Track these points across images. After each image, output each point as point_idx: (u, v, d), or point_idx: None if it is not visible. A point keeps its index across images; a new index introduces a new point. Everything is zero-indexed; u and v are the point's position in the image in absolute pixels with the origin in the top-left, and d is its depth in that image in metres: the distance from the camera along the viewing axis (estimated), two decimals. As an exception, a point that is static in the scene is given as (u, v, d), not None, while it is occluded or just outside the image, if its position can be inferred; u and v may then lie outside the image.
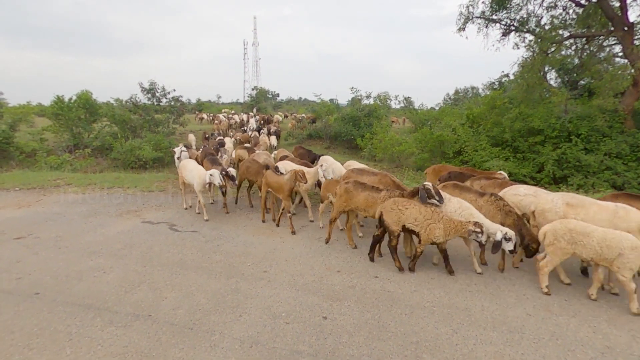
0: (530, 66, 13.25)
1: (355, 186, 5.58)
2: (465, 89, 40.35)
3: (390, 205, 5.03)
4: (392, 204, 5.02)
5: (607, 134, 11.66)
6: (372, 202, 5.39)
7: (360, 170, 7.20)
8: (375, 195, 5.39)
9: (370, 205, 5.40)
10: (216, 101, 65.95)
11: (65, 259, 5.32)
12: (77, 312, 3.98)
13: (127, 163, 16.11)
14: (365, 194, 5.46)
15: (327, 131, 22.54)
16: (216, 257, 5.47)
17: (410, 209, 4.94)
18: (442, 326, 3.82)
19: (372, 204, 5.38)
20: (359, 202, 5.50)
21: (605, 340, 3.63)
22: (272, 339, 3.57)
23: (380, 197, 5.31)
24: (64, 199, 8.77)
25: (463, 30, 14.81)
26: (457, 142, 14.28)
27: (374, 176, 6.83)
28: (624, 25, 11.81)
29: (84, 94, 20.02)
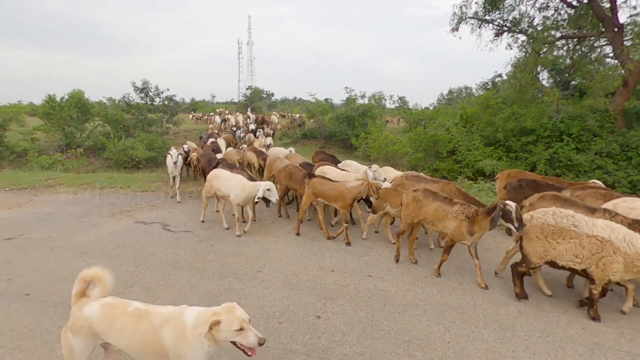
0: (523, 66, 13.37)
1: (426, 195, 5.00)
2: (459, 88, 40.64)
3: (535, 232, 4.14)
4: (537, 231, 4.13)
5: (597, 133, 11.82)
6: (442, 216, 4.78)
7: (416, 177, 6.59)
8: (446, 209, 4.75)
9: (440, 218, 4.80)
10: (210, 101, 65.65)
11: (57, 260, 5.27)
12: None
13: (120, 163, 15.98)
14: (435, 205, 4.86)
15: (322, 131, 22.56)
16: (210, 257, 5.46)
17: (566, 241, 3.93)
18: (435, 324, 3.85)
19: (442, 218, 4.78)
20: (427, 214, 4.93)
21: (595, 336, 3.69)
22: (265, 338, 3.57)
23: (452, 212, 4.68)
24: (55, 199, 8.68)
25: (456, 31, 14.90)
26: (450, 141, 14.37)
27: (435, 184, 6.20)
28: (614, 27, 11.97)
29: (76, 93, 19.82)
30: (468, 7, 14.51)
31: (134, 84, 21.01)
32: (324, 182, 6.17)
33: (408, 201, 5.15)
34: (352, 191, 5.80)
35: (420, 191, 5.13)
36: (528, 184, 6.22)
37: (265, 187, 5.96)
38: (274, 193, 6.02)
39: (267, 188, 5.96)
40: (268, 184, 6.05)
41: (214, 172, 6.78)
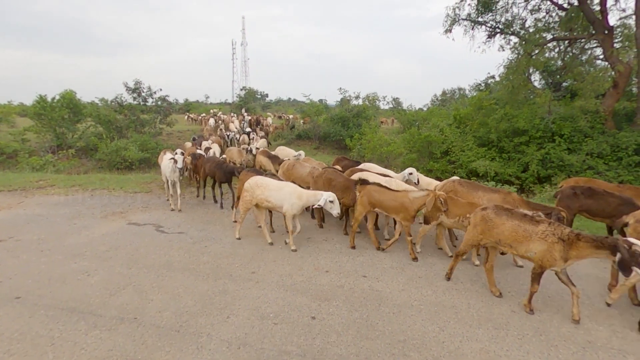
0: (515, 68, 13.50)
1: (498, 213, 4.30)
2: (453, 90, 40.84)
3: None
4: None
5: (588, 134, 11.96)
6: (523, 238, 4.02)
7: (470, 184, 5.98)
8: (529, 229, 4.01)
9: (520, 240, 4.05)
10: (204, 101, 65.32)
11: (48, 262, 5.20)
12: (59, 316, 3.89)
13: (113, 164, 15.81)
14: (512, 224, 4.14)
15: (316, 131, 22.55)
16: (204, 258, 5.42)
17: None
18: (429, 324, 3.86)
19: (524, 240, 4.02)
20: (502, 235, 4.19)
21: (587, 335, 3.73)
22: (260, 340, 3.56)
23: (538, 233, 3.92)
24: (46, 200, 8.57)
25: (450, 32, 15.01)
26: (444, 142, 14.44)
27: (494, 193, 5.60)
28: (604, 29, 12.14)
29: (67, 94, 19.58)
30: (461, 8, 14.63)
31: (126, 84, 20.80)
32: (382, 190, 5.61)
33: (476, 221, 4.46)
34: (416, 202, 5.27)
35: (490, 209, 4.40)
36: (584, 192, 5.59)
37: (327, 198, 5.43)
38: (337, 206, 5.49)
39: (330, 199, 5.43)
40: (331, 195, 5.48)
41: (256, 180, 5.97)
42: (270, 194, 5.79)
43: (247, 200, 5.96)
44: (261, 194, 5.83)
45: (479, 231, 4.43)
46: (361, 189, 5.79)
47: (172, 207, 8.00)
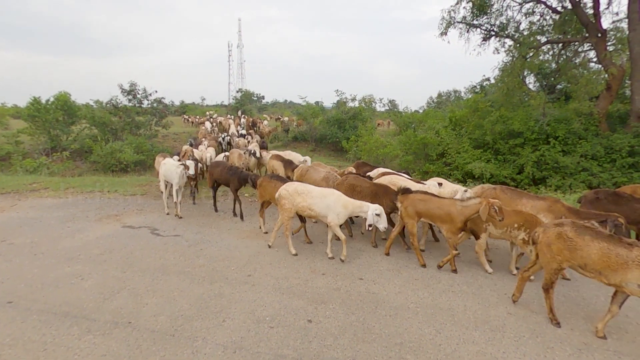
0: (510, 70, 13.60)
1: (580, 231, 3.62)
2: (448, 92, 41.07)
3: None
4: None
5: (583, 136, 12.05)
6: (617, 265, 3.33)
7: (512, 191, 5.58)
8: (622, 254, 3.32)
9: (615, 268, 3.34)
10: (200, 103, 65.20)
11: (41, 266, 5.13)
12: (52, 321, 3.83)
13: (108, 166, 15.71)
14: (600, 246, 3.44)
15: (313, 134, 22.56)
16: (199, 261, 5.38)
17: None
18: (426, 327, 3.85)
19: (617, 267, 3.33)
20: (589, 259, 3.50)
21: (583, 337, 3.73)
22: (256, 343, 3.53)
23: (634, 259, 3.26)
24: (40, 203, 8.48)
25: (445, 35, 15.10)
26: (440, 144, 14.49)
27: (540, 201, 5.16)
28: (597, 32, 12.27)
29: (61, 95, 19.46)
30: (456, 11, 14.72)
31: (122, 86, 20.71)
32: (427, 198, 5.18)
33: (550, 239, 3.77)
34: (465, 211, 4.81)
35: (568, 226, 3.71)
36: (608, 197, 5.31)
37: (374, 211, 5.02)
38: (384, 219, 5.06)
39: (376, 212, 5.02)
40: (377, 208, 5.07)
41: (295, 187, 5.56)
42: (313, 202, 5.37)
43: (288, 208, 5.52)
44: (302, 201, 5.42)
45: (555, 251, 3.73)
46: (404, 199, 5.33)
47: (167, 211, 7.73)
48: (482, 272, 5.17)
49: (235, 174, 7.52)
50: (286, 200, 5.52)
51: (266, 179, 6.45)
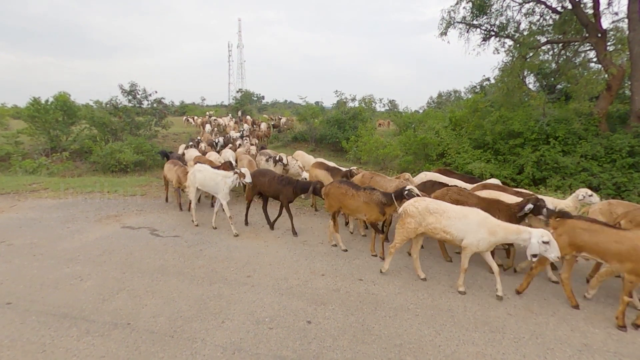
0: (510, 70, 13.57)
1: None
2: (448, 92, 41.07)
3: None
4: None
5: (583, 136, 12.03)
6: None
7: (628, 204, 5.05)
8: None
9: None
10: (200, 104, 65.21)
11: (40, 267, 5.12)
12: (51, 322, 3.83)
13: (107, 167, 15.68)
14: None
15: (312, 134, 22.55)
16: (199, 262, 5.37)
17: None
18: (426, 328, 3.84)
19: None
20: None
21: (583, 338, 3.73)
22: (255, 344, 3.52)
23: None
24: (39, 204, 8.47)
25: (445, 35, 15.08)
26: (440, 144, 14.48)
27: None
28: (597, 32, 12.25)
29: (61, 96, 19.43)
30: (456, 12, 14.70)
31: (122, 86, 20.69)
32: (596, 228, 4.04)
33: None
34: None
35: None
36: None
37: (540, 237, 3.95)
38: (554, 247, 3.94)
39: (543, 240, 3.94)
40: (544, 234, 3.97)
41: (428, 204, 4.64)
42: (449, 224, 4.46)
43: (411, 228, 4.69)
44: (436, 222, 4.54)
45: None
46: (559, 225, 4.29)
47: (196, 223, 6.99)
48: (481, 273, 5.17)
49: (290, 183, 6.57)
50: (413, 219, 4.67)
51: (335, 185, 5.83)
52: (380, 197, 5.33)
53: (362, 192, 5.48)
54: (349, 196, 5.56)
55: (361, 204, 5.42)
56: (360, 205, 5.44)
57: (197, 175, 6.84)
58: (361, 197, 5.43)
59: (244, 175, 6.42)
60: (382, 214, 5.33)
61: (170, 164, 8.20)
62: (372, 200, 5.35)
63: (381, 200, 5.30)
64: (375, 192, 5.40)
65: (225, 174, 6.57)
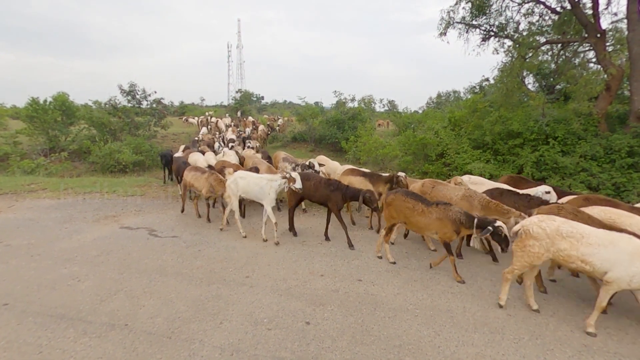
0: (509, 71, 13.56)
1: None
2: (448, 92, 41.05)
3: None
4: None
5: (582, 136, 12.03)
6: None
7: None
8: None
9: None
10: (200, 104, 65.14)
11: (38, 268, 5.10)
12: (48, 323, 3.80)
13: (106, 167, 15.65)
14: None
15: (312, 134, 22.54)
16: (197, 262, 5.35)
17: None
18: (425, 328, 3.82)
19: None
20: None
21: (583, 338, 3.71)
22: (253, 346, 3.50)
23: None
24: (37, 204, 8.44)
25: (444, 35, 15.08)
26: (439, 144, 14.46)
27: None
28: (596, 32, 12.25)
29: (60, 96, 19.40)
30: (455, 12, 14.69)
31: (121, 86, 20.66)
32: None
33: None
34: None
35: None
36: None
37: None
38: None
39: None
40: None
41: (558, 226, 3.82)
42: (590, 252, 3.63)
43: (535, 253, 3.90)
44: (571, 249, 3.72)
45: None
46: None
47: (244, 234, 6.47)
48: (481, 274, 5.15)
49: (338, 188, 6.08)
50: (538, 243, 3.87)
51: (400, 198, 5.18)
52: (458, 216, 4.71)
53: (435, 207, 4.87)
54: (417, 212, 4.97)
55: (433, 220, 4.83)
56: (431, 223, 4.85)
57: (240, 182, 6.34)
58: (433, 213, 4.84)
59: (294, 180, 5.91)
60: (456, 234, 4.77)
61: (196, 171, 7.27)
62: (448, 218, 4.75)
63: (459, 219, 4.69)
64: (451, 209, 4.78)
65: (271, 178, 6.17)
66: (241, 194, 6.39)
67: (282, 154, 9.94)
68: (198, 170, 7.32)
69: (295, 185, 5.90)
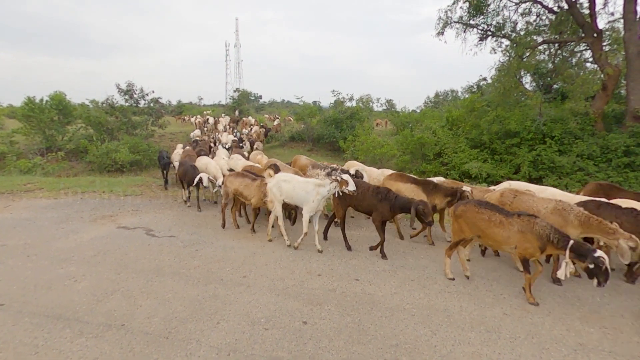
0: (507, 70, 13.64)
1: None
2: (445, 92, 41.11)
3: None
4: None
5: (579, 136, 12.10)
6: None
7: None
8: None
9: None
10: (197, 103, 65.01)
11: (34, 268, 5.08)
12: (44, 324, 3.79)
13: (103, 166, 15.63)
14: None
15: (310, 133, 22.54)
16: (194, 262, 5.34)
17: None
18: (422, 328, 3.83)
19: None
20: None
21: (578, 337, 3.73)
22: (250, 345, 3.50)
23: None
24: (34, 204, 8.41)
25: (442, 35, 15.15)
26: (437, 144, 14.52)
27: None
28: (593, 32, 12.31)
29: (57, 95, 19.35)
30: (453, 11, 14.75)
31: (118, 86, 20.63)
32: None
33: None
34: None
35: None
36: None
37: None
38: None
39: None
40: None
41: None
42: None
43: None
44: None
45: None
46: None
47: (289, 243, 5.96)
48: (478, 273, 5.16)
49: (386, 199, 5.44)
50: None
51: (473, 208, 4.59)
52: (547, 231, 4.07)
53: (517, 219, 4.29)
54: (494, 223, 4.38)
55: (513, 233, 4.25)
56: (511, 236, 4.27)
57: (283, 186, 5.82)
58: (515, 225, 4.26)
59: (347, 183, 5.29)
60: (540, 251, 4.15)
61: (244, 178, 6.56)
62: (533, 231, 4.13)
63: (547, 234, 4.06)
64: (537, 222, 4.16)
65: (319, 183, 5.64)
66: (285, 198, 5.86)
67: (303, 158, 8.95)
68: (246, 176, 6.56)
69: (349, 188, 5.29)
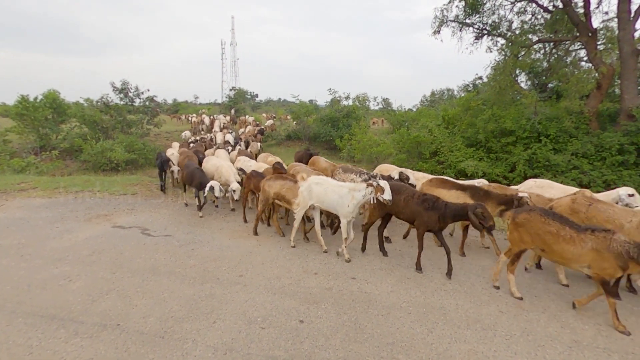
0: (502, 69, 13.67)
1: None
2: (441, 90, 41.19)
3: None
4: None
5: (573, 134, 12.17)
6: None
7: None
8: None
9: None
10: (193, 102, 64.72)
11: (28, 267, 5.03)
12: (38, 324, 3.75)
13: (98, 165, 15.48)
14: None
15: (306, 132, 22.50)
16: (190, 261, 5.32)
17: None
18: (418, 326, 3.84)
19: None
20: None
21: (573, 334, 3.76)
22: (247, 345, 3.49)
23: None
24: (28, 203, 8.33)
25: (438, 34, 15.15)
26: (433, 142, 14.54)
27: None
28: (588, 31, 12.38)
29: (51, 93, 19.15)
30: (449, 10, 14.75)
31: (113, 84, 20.43)
32: None
33: None
34: None
35: None
36: None
37: None
38: None
39: None
40: None
41: None
42: None
43: None
44: None
45: None
46: None
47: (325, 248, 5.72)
48: (474, 271, 5.19)
49: (434, 207, 4.88)
50: None
51: (537, 217, 4.11)
52: (627, 248, 3.55)
53: (591, 235, 3.76)
54: (563, 238, 3.88)
55: (587, 252, 3.74)
56: (584, 254, 3.77)
57: (314, 189, 5.52)
58: (588, 242, 3.73)
59: (382, 190, 4.94)
60: (622, 270, 3.65)
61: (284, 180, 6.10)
62: (610, 250, 3.62)
63: (628, 251, 3.55)
64: (616, 238, 3.64)
65: (354, 187, 5.28)
66: (315, 202, 5.59)
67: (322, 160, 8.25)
68: (286, 179, 6.13)
69: (384, 196, 4.92)
